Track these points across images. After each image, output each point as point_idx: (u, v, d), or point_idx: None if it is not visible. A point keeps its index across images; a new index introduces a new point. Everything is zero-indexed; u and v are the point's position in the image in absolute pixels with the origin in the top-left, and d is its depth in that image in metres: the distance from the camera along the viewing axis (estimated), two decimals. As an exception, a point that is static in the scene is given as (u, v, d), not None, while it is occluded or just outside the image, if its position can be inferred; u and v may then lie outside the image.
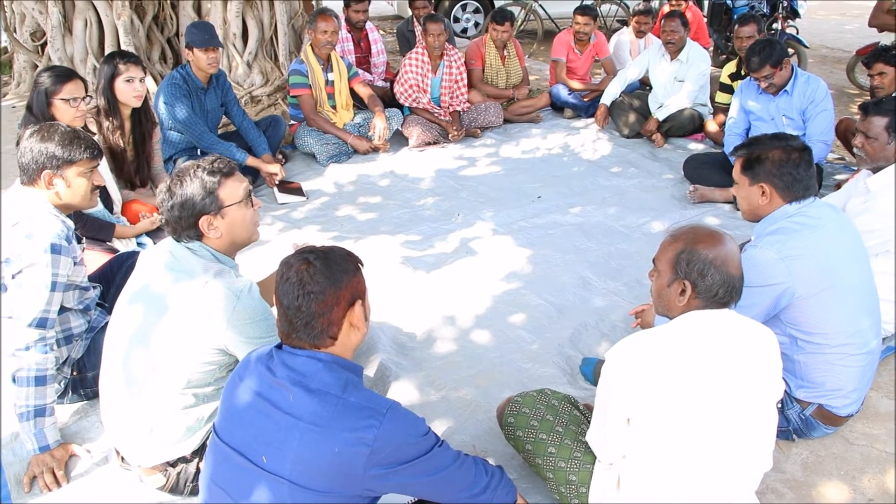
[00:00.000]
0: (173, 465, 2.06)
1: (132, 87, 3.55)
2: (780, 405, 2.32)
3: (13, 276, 2.23)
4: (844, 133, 4.51)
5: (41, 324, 2.21)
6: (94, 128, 3.55)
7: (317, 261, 1.55)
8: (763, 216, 2.34)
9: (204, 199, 1.95)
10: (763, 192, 2.29)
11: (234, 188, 2.01)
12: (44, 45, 6.44)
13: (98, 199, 2.74)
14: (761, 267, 2.16)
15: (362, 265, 1.67)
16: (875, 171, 2.94)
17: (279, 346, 1.60)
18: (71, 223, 2.37)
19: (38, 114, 3.10)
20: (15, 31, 6.61)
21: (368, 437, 1.45)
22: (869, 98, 4.33)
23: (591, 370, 2.73)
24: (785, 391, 2.33)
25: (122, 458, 2.15)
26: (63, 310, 2.40)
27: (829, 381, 2.27)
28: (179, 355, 1.92)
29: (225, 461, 1.56)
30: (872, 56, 4.26)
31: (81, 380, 2.53)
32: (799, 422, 2.36)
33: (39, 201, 2.31)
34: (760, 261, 2.17)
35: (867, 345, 2.27)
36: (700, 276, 1.74)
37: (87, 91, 3.23)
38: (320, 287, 1.52)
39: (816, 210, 2.27)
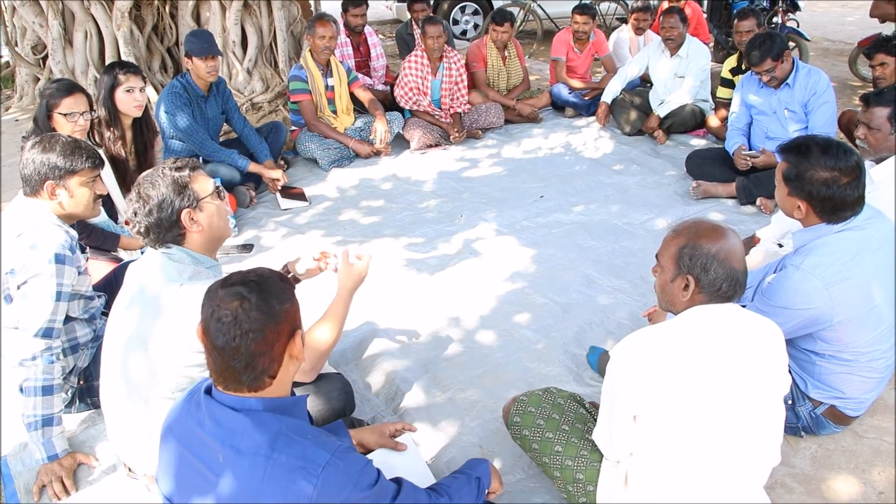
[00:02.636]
0: (178, 472, 2.06)
1: (132, 97, 3.56)
2: (790, 402, 2.31)
3: (18, 287, 2.24)
4: (847, 125, 4.49)
5: (47, 334, 2.23)
6: (95, 138, 3.57)
7: (251, 294, 1.40)
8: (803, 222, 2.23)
9: (180, 194, 1.94)
10: (799, 208, 2.19)
11: (203, 181, 2.02)
12: (45, 58, 6.49)
13: (101, 209, 2.75)
14: (803, 292, 2.08)
15: (295, 286, 1.55)
16: (878, 161, 2.93)
17: (209, 391, 1.47)
18: (74, 233, 2.39)
19: (42, 126, 3.12)
20: (16, 45, 6.65)
21: (303, 500, 1.32)
22: (871, 89, 4.31)
23: (597, 359, 2.74)
24: (797, 388, 2.31)
25: (129, 469, 2.16)
26: (68, 319, 2.41)
27: (849, 389, 2.25)
28: (165, 361, 1.92)
29: None
30: (873, 47, 4.24)
31: (88, 389, 2.54)
32: (809, 420, 2.34)
33: (43, 212, 2.33)
34: (803, 287, 2.08)
35: (894, 356, 2.26)
36: (703, 271, 1.73)
37: (91, 106, 3.22)
38: (259, 324, 1.38)
39: (864, 220, 2.14)
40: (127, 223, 3.53)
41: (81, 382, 2.54)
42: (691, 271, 1.74)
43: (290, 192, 4.55)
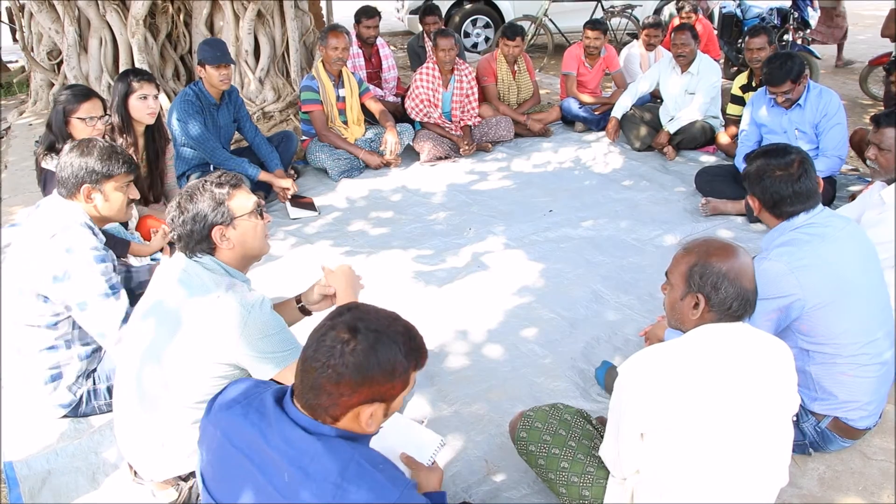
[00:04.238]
0: (185, 479, 2.06)
1: (146, 105, 3.58)
2: (795, 418, 2.29)
3: (58, 280, 2.31)
4: (859, 143, 4.48)
5: (114, 289, 2.35)
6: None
7: (362, 341, 1.34)
8: (767, 223, 2.37)
9: (215, 210, 1.96)
10: (753, 204, 2.35)
11: (243, 200, 2.02)
12: (60, 64, 6.55)
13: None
14: (771, 279, 2.13)
15: (418, 367, 1.43)
16: (889, 182, 2.92)
17: (279, 401, 1.43)
18: (102, 237, 2.44)
19: (57, 131, 3.15)
20: (32, 51, 6.72)
21: None
22: (882, 108, 4.31)
23: (604, 374, 2.74)
24: (800, 404, 2.30)
25: (135, 473, 2.15)
26: None
27: (843, 392, 2.24)
28: (191, 370, 1.91)
29: None
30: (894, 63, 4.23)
31: (95, 392, 2.55)
32: (815, 435, 2.32)
33: (76, 213, 2.39)
34: (770, 273, 2.14)
35: (881, 355, 2.24)
36: (713, 290, 1.73)
37: (105, 110, 3.27)
38: (341, 368, 1.32)
39: (824, 219, 2.26)
40: (137, 229, 3.57)
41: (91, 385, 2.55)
42: (702, 290, 1.74)
43: (299, 201, 4.57)
